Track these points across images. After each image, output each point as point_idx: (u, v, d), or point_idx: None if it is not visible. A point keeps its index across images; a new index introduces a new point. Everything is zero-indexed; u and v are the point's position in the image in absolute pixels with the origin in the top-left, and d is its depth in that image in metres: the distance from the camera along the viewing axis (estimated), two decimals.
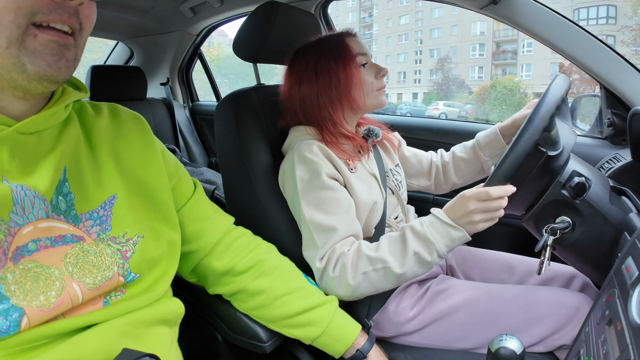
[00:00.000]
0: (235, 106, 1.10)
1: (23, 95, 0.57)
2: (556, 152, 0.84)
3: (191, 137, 2.58)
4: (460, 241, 0.87)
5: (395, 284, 0.91)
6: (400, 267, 0.88)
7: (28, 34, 0.51)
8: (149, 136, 0.78)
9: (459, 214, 0.86)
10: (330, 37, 1.08)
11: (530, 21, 1.19)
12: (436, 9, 33.20)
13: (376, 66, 1.08)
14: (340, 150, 1.04)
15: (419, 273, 0.90)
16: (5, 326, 0.53)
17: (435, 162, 1.31)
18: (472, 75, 31.42)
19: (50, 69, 0.54)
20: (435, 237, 0.87)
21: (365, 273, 0.89)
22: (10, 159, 0.56)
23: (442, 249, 0.86)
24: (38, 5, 0.51)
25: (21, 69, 0.52)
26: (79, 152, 0.66)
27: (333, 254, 0.93)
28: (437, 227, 0.87)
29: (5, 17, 0.49)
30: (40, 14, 0.51)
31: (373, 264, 0.89)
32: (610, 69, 1.13)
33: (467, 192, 0.86)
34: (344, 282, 0.90)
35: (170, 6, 2.00)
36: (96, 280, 0.62)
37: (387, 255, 0.89)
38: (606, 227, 0.83)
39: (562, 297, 0.96)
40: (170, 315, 0.74)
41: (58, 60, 0.54)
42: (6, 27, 0.50)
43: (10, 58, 0.51)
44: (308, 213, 0.96)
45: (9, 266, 0.54)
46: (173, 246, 0.77)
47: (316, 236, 0.94)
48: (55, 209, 0.61)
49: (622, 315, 0.54)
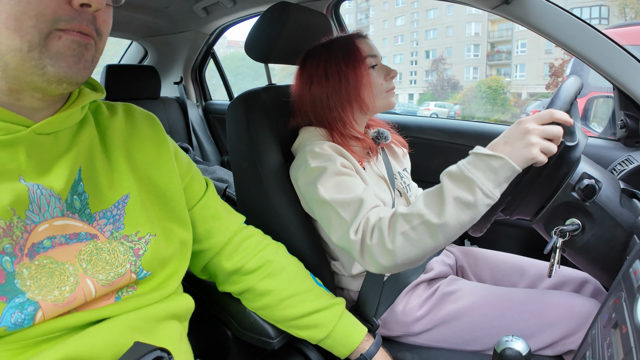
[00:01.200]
0: (246, 106, 1.11)
1: (42, 97, 0.58)
2: (574, 142, 0.83)
3: (204, 135, 2.60)
4: (504, 171, 0.75)
5: (442, 239, 0.79)
6: (439, 217, 0.77)
7: (52, 37, 0.53)
8: (162, 136, 0.79)
9: (513, 137, 0.77)
10: (341, 39, 1.09)
11: (543, 21, 1.18)
12: (431, 10, 33.46)
13: (386, 68, 1.09)
14: (350, 151, 1.04)
15: (465, 220, 0.77)
16: (20, 319, 0.54)
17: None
18: (467, 76, 31.56)
19: (70, 70, 0.55)
20: (475, 174, 0.76)
21: (403, 233, 0.80)
22: (28, 159, 0.58)
23: (485, 184, 0.75)
24: (59, 13, 0.53)
25: (42, 71, 0.54)
26: (94, 153, 0.67)
27: (368, 223, 0.85)
28: (475, 162, 0.77)
29: (26, 23, 0.51)
30: (62, 22, 0.53)
31: (409, 221, 0.80)
32: (624, 69, 1.11)
33: (525, 117, 0.79)
34: (384, 247, 0.82)
35: (184, 6, 2.02)
36: (109, 277, 0.64)
37: (422, 208, 0.79)
38: (616, 230, 0.82)
39: (573, 303, 0.95)
40: (180, 311, 0.76)
41: (77, 62, 0.56)
42: (27, 32, 0.52)
43: (31, 61, 0.53)
44: (329, 195, 0.91)
45: (25, 262, 0.56)
46: (184, 245, 0.78)
47: (343, 213, 0.89)
48: (70, 207, 0.63)
49: (628, 319, 0.53)
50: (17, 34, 0.51)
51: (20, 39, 0.52)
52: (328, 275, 1.10)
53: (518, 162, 0.75)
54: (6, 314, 0.53)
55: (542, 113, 0.77)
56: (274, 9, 1.17)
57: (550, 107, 0.80)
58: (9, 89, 0.56)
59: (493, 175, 0.75)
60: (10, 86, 0.56)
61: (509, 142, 0.77)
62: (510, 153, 0.76)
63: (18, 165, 0.57)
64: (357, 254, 0.87)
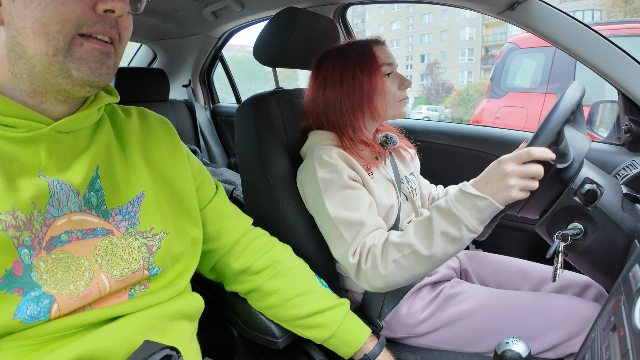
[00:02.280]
0: (255, 110, 1.13)
1: (64, 99, 0.61)
2: (565, 164, 0.84)
3: (212, 138, 2.62)
4: (488, 210, 0.81)
5: (430, 267, 0.87)
6: (428, 248, 0.85)
7: (74, 43, 0.56)
8: (175, 139, 0.82)
9: (493, 178, 0.81)
10: (358, 44, 1.09)
11: (548, 27, 1.19)
12: (426, 15, 33.58)
13: (400, 77, 1.09)
14: (358, 156, 1.05)
15: (451, 252, 0.85)
16: (36, 312, 0.56)
17: (433, 194, 1.33)
18: (462, 80, 31.60)
19: (93, 75, 0.59)
20: (461, 211, 0.82)
21: (395, 261, 0.87)
22: (48, 155, 0.61)
23: (470, 222, 0.82)
24: (83, 18, 0.56)
25: (67, 74, 0.57)
26: (111, 152, 0.70)
27: (364, 247, 0.92)
28: (462, 200, 0.83)
29: (53, 28, 0.55)
30: (86, 26, 0.56)
31: (401, 250, 0.87)
32: (628, 75, 1.12)
33: (505, 155, 0.82)
34: (377, 273, 0.89)
35: (193, 10, 2.04)
36: (123, 272, 0.66)
37: (413, 239, 0.86)
38: (618, 234, 0.83)
39: (576, 306, 0.96)
40: (191, 310, 0.78)
41: (100, 67, 0.59)
42: (53, 37, 0.55)
43: (57, 64, 0.56)
44: (333, 211, 0.96)
45: (42, 255, 0.58)
46: (195, 243, 0.80)
47: (344, 232, 0.94)
48: (87, 203, 0.65)
49: (626, 322, 0.54)
50: (43, 38, 0.55)
51: (47, 43, 0.55)
52: (333, 277, 1.11)
53: (500, 202, 0.81)
54: (22, 306, 0.55)
55: (521, 153, 0.79)
56: (282, 14, 1.19)
57: (533, 141, 0.81)
58: (33, 91, 0.59)
59: (478, 213, 0.82)
60: (35, 88, 0.59)
61: (489, 182, 0.82)
62: (491, 193, 0.81)
63: (39, 161, 0.60)
64: (353, 274, 0.94)
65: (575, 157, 0.86)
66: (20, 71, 0.57)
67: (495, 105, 4.37)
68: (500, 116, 4.25)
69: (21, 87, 0.59)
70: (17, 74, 0.58)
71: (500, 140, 1.51)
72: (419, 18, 34.89)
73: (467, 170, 1.55)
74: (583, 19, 23.23)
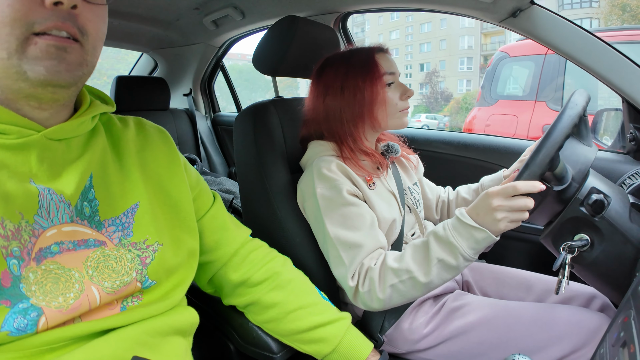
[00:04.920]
0: (254, 119, 1.12)
1: (38, 105, 0.59)
2: (562, 186, 0.83)
3: (212, 146, 2.63)
4: (485, 242, 0.83)
5: (426, 292, 0.89)
6: (425, 275, 0.86)
7: (29, 43, 0.53)
8: (173, 149, 0.81)
9: (482, 211, 0.83)
10: (361, 52, 1.07)
11: (551, 34, 1.18)
12: (425, 24, 33.99)
13: (402, 87, 1.07)
14: (359, 167, 1.04)
15: (447, 278, 0.87)
16: (23, 324, 0.55)
17: (442, 197, 1.32)
18: (461, 88, 31.86)
19: (49, 73, 0.55)
20: (459, 241, 0.84)
21: (392, 286, 0.88)
22: (39, 163, 0.59)
23: (466, 252, 0.83)
24: (33, 16, 0.53)
25: (24, 76, 0.54)
26: (106, 161, 0.69)
27: (362, 269, 0.93)
28: (460, 229, 0.84)
29: (2, 31, 0.52)
30: (38, 24, 0.53)
31: (398, 275, 0.88)
32: (632, 82, 1.11)
33: (492, 188, 0.82)
34: (375, 296, 0.90)
35: (194, 19, 2.05)
36: (114, 285, 0.64)
37: (411, 265, 0.87)
38: (626, 246, 0.81)
39: (582, 318, 0.93)
40: (185, 325, 0.76)
41: (57, 64, 0.55)
42: (5, 40, 0.52)
43: (12, 68, 0.53)
44: (333, 231, 0.95)
45: (32, 266, 0.57)
46: (192, 255, 0.79)
47: (343, 254, 0.94)
48: (80, 213, 0.63)
49: (636, 338, 0.52)
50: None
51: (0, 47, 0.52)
52: (333, 290, 1.09)
53: (494, 232, 0.82)
54: (9, 318, 0.54)
55: (507, 187, 0.79)
56: (282, 23, 1.19)
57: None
58: (6, 99, 0.57)
59: (474, 244, 0.83)
60: (7, 96, 0.57)
61: (480, 215, 0.83)
62: (487, 223, 0.82)
63: (29, 168, 0.58)
64: (351, 296, 0.95)
65: (576, 175, 0.85)
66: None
67: (486, 113, 4.41)
68: (491, 124, 4.29)
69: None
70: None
71: (503, 150, 1.50)
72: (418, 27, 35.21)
73: (468, 179, 1.54)
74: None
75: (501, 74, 4.40)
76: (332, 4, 1.67)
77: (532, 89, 4.06)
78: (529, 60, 4.18)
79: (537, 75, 4.03)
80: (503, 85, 4.45)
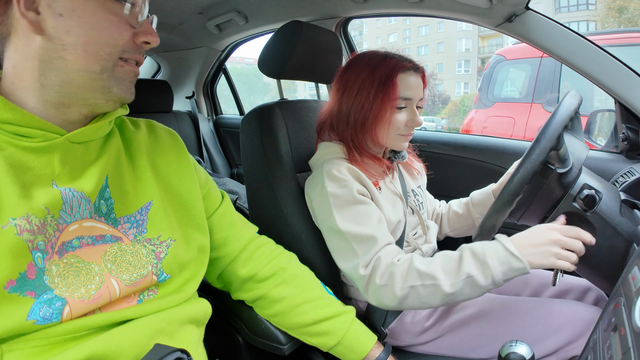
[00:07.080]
0: (259, 120, 1.15)
1: (87, 113, 0.66)
2: (565, 169, 0.86)
3: (215, 148, 2.65)
4: (519, 273, 0.83)
5: (443, 304, 0.88)
6: (451, 286, 0.85)
7: (117, 64, 0.63)
8: (182, 150, 0.85)
9: (536, 241, 0.84)
10: (388, 66, 1.02)
11: (545, 39, 1.21)
12: (423, 27, 33.83)
13: (413, 114, 1.04)
14: (366, 171, 1.04)
15: (468, 297, 0.86)
16: (49, 314, 0.58)
17: (437, 211, 1.33)
18: (458, 91, 31.56)
19: (127, 93, 0.66)
20: (494, 263, 0.83)
21: (413, 287, 0.87)
22: (61, 165, 0.63)
23: (498, 276, 0.83)
24: (127, 46, 0.64)
25: (107, 90, 0.64)
26: (120, 162, 0.72)
27: (379, 262, 0.92)
28: (499, 253, 0.84)
29: (104, 50, 0.61)
30: (127, 52, 0.64)
31: (422, 278, 0.87)
32: (624, 84, 1.14)
33: (553, 224, 0.85)
34: (391, 291, 0.89)
35: (197, 23, 2.08)
36: (132, 277, 0.68)
37: (438, 272, 0.87)
38: (617, 239, 0.84)
39: (577, 310, 0.97)
40: (199, 315, 0.79)
41: (131, 87, 0.67)
42: (103, 58, 0.62)
43: (100, 82, 0.63)
44: (344, 225, 0.95)
45: (55, 259, 0.60)
46: (202, 251, 0.82)
47: (356, 246, 0.94)
48: (97, 210, 0.67)
49: (626, 321, 0.55)
50: (93, 57, 0.61)
51: (96, 62, 0.61)
52: (337, 285, 1.12)
53: (535, 265, 0.83)
54: (35, 308, 0.57)
55: (568, 229, 0.84)
56: (286, 27, 1.22)
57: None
58: (60, 103, 0.62)
59: (509, 271, 0.84)
60: (62, 100, 0.62)
61: (535, 244, 0.84)
62: (532, 254, 0.83)
63: (52, 170, 0.62)
64: (362, 287, 0.94)
65: (575, 162, 0.88)
66: (52, 83, 0.60)
67: (484, 115, 4.43)
68: (488, 126, 4.32)
69: (46, 98, 0.62)
70: (46, 85, 0.61)
71: (500, 150, 1.52)
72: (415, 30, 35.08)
73: (467, 179, 1.57)
74: (578, 29, 23.40)
75: (498, 76, 4.43)
76: (333, 9, 1.70)
77: (528, 92, 4.09)
78: (526, 63, 4.21)
79: (534, 77, 4.07)
80: (500, 87, 4.47)
